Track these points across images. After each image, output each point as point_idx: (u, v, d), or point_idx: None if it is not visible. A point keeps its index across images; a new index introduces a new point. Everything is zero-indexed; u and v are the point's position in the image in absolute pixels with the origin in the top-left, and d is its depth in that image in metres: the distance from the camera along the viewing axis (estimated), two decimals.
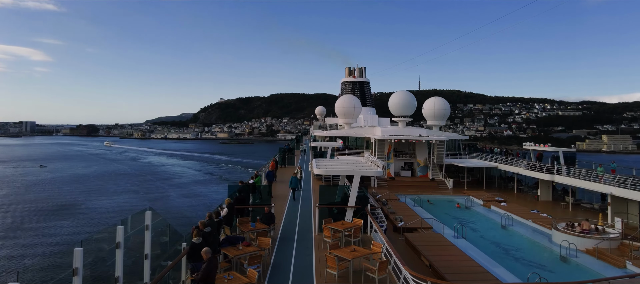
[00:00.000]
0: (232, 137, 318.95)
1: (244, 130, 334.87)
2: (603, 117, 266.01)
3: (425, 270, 16.91)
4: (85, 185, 77.93)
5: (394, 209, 28.04)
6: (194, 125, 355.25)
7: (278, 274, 13.35)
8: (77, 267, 7.47)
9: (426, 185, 41.04)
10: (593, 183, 28.56)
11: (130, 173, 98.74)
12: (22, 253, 36.34)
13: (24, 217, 49.57)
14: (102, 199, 63.11)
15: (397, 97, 50.48)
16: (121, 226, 9.50)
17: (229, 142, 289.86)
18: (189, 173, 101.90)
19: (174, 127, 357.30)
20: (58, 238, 40.63)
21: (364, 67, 77.07)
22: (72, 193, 67.80)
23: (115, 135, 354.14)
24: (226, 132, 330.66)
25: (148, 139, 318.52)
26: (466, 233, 23.57)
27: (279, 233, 18.06)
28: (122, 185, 78.65)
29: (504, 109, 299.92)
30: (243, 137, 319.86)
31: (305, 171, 34.91)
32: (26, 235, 41.93)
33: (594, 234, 22.05)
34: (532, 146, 41.80)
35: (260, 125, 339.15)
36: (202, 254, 10.23)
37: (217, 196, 62.55)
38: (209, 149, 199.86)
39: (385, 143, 44.11)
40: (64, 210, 53.94)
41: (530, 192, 38.49)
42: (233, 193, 19.60)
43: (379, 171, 19.08)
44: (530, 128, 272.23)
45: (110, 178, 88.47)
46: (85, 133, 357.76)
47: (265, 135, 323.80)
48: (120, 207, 55.79)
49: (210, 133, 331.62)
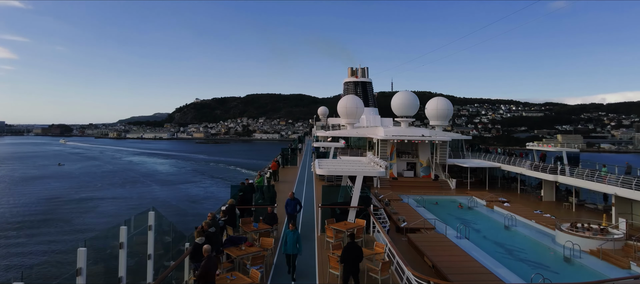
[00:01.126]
0: (208, 137, 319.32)
1: (219, 130, 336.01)
2: (563, 118, 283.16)
3: (428, 271, 16.88)
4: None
5: (397, 209, 28.00)
6: (169, 125, 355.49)
7: (280, 274, 13.36)
8: (80, 267, 7.50)
9: (429, 186, 40.96)
10: (597, 184, 28.43)
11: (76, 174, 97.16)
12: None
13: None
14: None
15: (399, 97, 50.41)
16: (124, 226, 9.54)
17: (206, 141, 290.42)
18: (161, 169, 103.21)
19: (149, 127, 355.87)
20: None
21: (367, 67, 77.11)
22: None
23: (90, 135, 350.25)
24: (202, 132, 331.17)
25: (124, 139, 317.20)
26: (469, 234, 23.51)
27: (282, 233, 18.06)
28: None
29: (472, 110, 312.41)
30: (219, 137, 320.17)
31: (307, 173, 34.93)
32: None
33: (598, 235, 21.96)
34: (536, 146, 41.66)
35: (237, 125, 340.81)
36: (203, 251, 10.23)
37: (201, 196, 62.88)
38: (185, 149, 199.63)
39: (387, 144, 44.08)
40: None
41: (534, 193, 38.36)
42: (236, 193, 19.61)
43: (382, 171, 19.06)
44: (495, 129, 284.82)
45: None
46: (59, 133, 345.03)
47: (242, 135, 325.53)
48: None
49: (186, 133, 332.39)
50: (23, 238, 40.91)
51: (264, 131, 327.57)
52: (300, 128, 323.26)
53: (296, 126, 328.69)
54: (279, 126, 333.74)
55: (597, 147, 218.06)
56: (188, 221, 42.49)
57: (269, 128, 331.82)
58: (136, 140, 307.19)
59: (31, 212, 52.59)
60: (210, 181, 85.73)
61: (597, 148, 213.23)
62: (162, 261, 12.09)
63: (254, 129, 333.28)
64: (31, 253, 36.19)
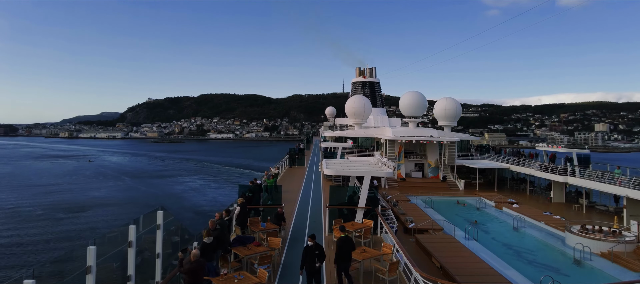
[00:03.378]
0: (162, 137, 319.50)
1: (173, 129, 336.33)
2: (495, 118, 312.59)
3: (436, 272, 16.79)
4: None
5: (405, 210, 27.91)
6: (121, 124, 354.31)
7: (288, 274, 13.37)
8: (90, 265, 7.57)
9: (437, 186, 40.75)
10: (608, 185, 28.07)
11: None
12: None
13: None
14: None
15: (407, 97, 50.18)
16: (133, 225, 9.62)
17: (160, 141, 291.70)
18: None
19: (101, 126, 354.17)
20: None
21: (374, 68, 76.74)
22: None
23: (38, 134, 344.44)
24: (156, 131, 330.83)
25: (76, 139, 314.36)
26: (477, 235, 23.35)
27: (289, 233, 18.08)
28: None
29: None
30: (173, 137, 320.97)
31: (315, 173, 34.91)
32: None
33: (609, 237, 21.68)
34: (545, 147, 41.26)
35: (191, 124, 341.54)
36: (191, 256, 9.77)
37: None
38: (139, 149, 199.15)
39: (395, 144, 43.93)
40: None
41: (543, 194, 37.98)
42: (244, 192, 19.67)
43: (390, 172, 18.99)
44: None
45: None
46: (2, 134, 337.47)
47: (196, 134, 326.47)
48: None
49: (139, 133, 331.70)
50: (39, 235, 41.54)
51: (219, 131, 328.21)
52: (255, 127, 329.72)
53: (250, 126, 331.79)
54: (234, 126, 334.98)
55: (517, 144, 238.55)
56: (194, 219, 42.96)
57: (224, 127, 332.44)
58: (90, 139, 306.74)
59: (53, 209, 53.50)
60: (205, 181, 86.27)
61: (516, 145, 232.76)
62: (170, 260, 12.18)
63: (208, 129, 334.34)
64: (43, 251, 36.69)
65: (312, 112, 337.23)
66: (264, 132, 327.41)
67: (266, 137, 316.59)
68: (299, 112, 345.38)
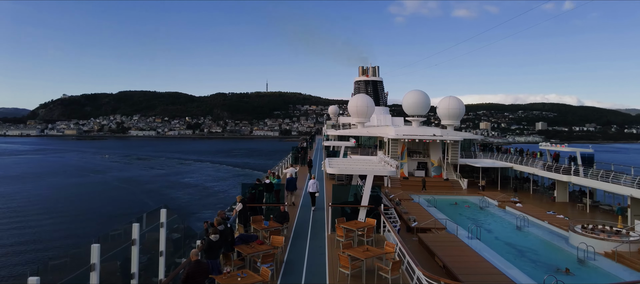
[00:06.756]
0: (81, 134, 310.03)
1: (92, 127, 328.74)
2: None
3: (439, 271, 16.76)
4: None
5: (408, 209, 27.88)
6: (33, 121, 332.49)
7: (291, 272, 13.38)
8: (94, 263, 7.59)
9: (440, 185, 40.68)
10: (611, 185, 27.95)
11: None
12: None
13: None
14: None
15: (410, 96, 50.11)
16: (137, 223, 9.63)
17: (79, 138, 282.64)
18: None
19: (9, 123, 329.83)
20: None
21: (378, 66, 76.56)
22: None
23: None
24: (73, 128, 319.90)
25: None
26: (480, 234, 23.30)
27: (292, 231, 18.10)
28: None
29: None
30: (93, 134, 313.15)
31: (317, 172, 34.88)
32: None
33: (612, 236, 21.59)
34: (548, 146, 41.12)
35: (110, 122, 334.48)
36: (191, 256, 9.66)
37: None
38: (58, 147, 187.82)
39: (398, 143, 43.86)
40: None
41: (547, 193, 37.87)
42: (246, 191, 19.69)
43: (392, 170, 18.96)
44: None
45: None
46: None
47: (116, 132, 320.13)
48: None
49: (56, 130, 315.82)
50: (44, 232, 41.66)
51: (140, 128, 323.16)
52: (177, 125, 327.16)
53: (172, 123, 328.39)
54: (155, 123, 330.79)
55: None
56: (194, 219, 42.98)
57: (145, 125, 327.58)
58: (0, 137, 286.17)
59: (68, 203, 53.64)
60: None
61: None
62: (173, 258, 12.20)
63: (129, 126, 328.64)
64: (48, 248, 36.81)
65: (237, 111, 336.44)
66: (186, 129, 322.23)
67: (189, 135, 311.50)
68: (223, 110, 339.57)
